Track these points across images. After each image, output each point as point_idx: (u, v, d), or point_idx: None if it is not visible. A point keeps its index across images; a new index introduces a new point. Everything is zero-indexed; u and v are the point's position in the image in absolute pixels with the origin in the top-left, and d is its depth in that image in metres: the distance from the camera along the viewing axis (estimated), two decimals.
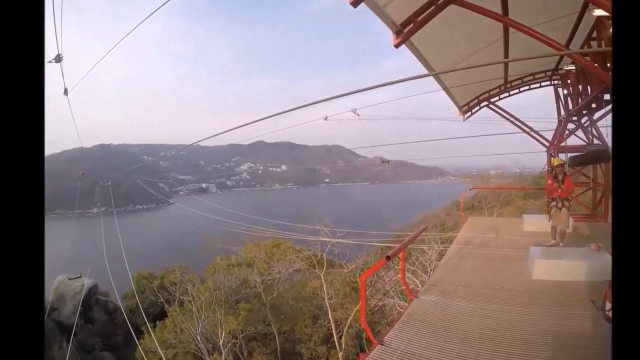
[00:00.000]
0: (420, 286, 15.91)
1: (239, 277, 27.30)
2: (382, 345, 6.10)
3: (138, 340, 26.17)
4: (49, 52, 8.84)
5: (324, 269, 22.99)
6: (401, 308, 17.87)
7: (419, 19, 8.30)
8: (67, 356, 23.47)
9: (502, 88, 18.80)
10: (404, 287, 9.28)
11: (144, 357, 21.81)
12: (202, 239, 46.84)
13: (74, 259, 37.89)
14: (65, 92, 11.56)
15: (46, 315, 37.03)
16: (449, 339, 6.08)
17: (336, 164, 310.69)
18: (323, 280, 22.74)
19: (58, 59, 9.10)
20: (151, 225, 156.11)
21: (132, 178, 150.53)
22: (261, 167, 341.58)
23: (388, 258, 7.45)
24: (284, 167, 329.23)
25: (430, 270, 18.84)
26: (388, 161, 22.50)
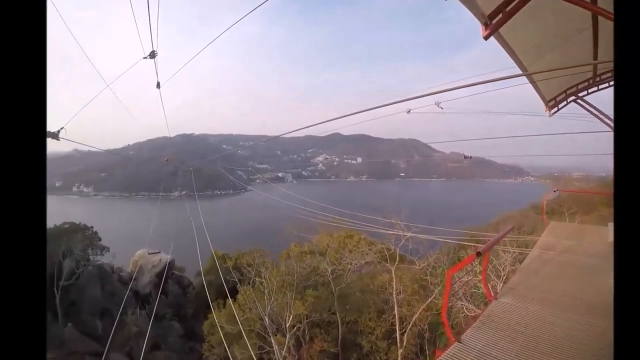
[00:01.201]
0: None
1: (310, 265, 27.71)
2: (460, 343, 6.00)
3: (206, 315, 27.47)
4: (145, 49, 9.34)
5: (396, 263, 22.60)
6: (468, 312, 17.19)
7: (508, 9, 7.79)
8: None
9: (591, 82, 17.28)
10: (484, 288, 8.93)
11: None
12: (278, 225, 47.98)
13: (154, 235, 40.10)
14: (158, 85, 12.01)
15: (124, 285, 39.81)
16: (525, 343, 5.98)
17: (412, 158, 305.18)
18: (394, 275, 22.30)
19: (152, 55, 9.45)
20: (228, 209, 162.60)
21: (212, 165, 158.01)
22: (336, 159, 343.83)
23: (479, 254, 7.22)
24: (359, 160, 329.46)
25: (504, 275, 18.04)
26: (470, 157, 21.52)
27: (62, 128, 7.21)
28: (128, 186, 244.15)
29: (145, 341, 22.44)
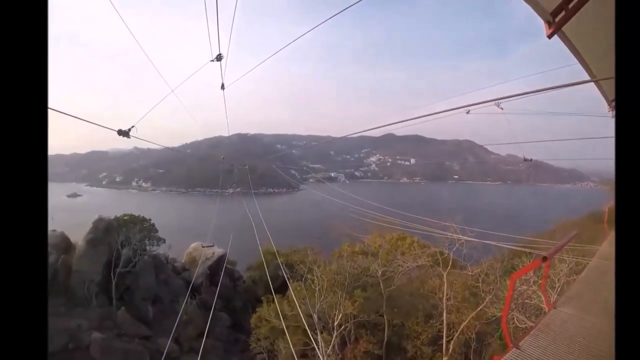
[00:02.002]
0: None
1: (361, 265, 27.54)
2: (518, 349, 5.88)
3: (255, 309, 27.98)
4: (213, 52, 9.61)
5: (448, 268, 22.10)
6: (519, 323, 16.58)
7: (571, 5, 7.43)
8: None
9: None
10: (542, 295, 8.64)
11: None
12: (330, 223, 48.15)
13: (208, 229, 41.27)
14: (222, 87, 12.32)
15: (177, 275, 41.29)
16: (582, 354, 5.82)
17: (466, 160, 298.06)
18: (445, 280, 21.72)
19: (219, 57, 9.73)
20: (281, 207, 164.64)
21: (266, 164, 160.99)
22: (390, 160, 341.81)
23: (545, 259, 6.92)
24: (412, 161, 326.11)
25: (558, 286, 17.22)
26: (530, 160, 20.56)
27: (132, 127, 7.71)
28: (185, 182, 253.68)
29: (208, 331, 22.83)
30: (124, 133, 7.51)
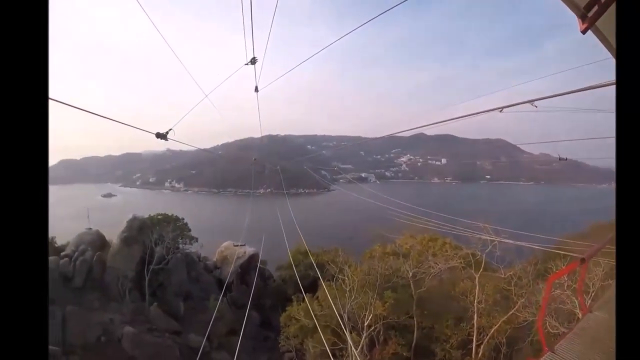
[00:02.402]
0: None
1: (392, 266, 27.27)
2: (553, 353, 5.76)
3: (284, 308, 28.15)
4: (247, 55, 9.77)
5: (480, 270, 21.70)
6: (551, 328, 16.16)
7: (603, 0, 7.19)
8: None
9: None
10: (579, 298, 8.39)
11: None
12: (361, 224, 48.02)
13: (239, 229, 41.76)
14: (256, 89, 12.47)
15: (208, 273, 41.97)
16: None
17: (498, 159, 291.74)
18: (477, 282, 21.46)
19: (253, 61, 9.86)
20: (312, 207, 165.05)
21: (297, 165, 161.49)
22: (420, 160, 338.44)
23: (583, 261, 6.72)
24: (443, 161, 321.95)
25: (592, 291, 16.67)
26: (565, 159, 19.96)
27: (170, 129, 7.92)
28: (216, 183, 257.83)
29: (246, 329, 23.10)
30: (161, 136, 7.70)
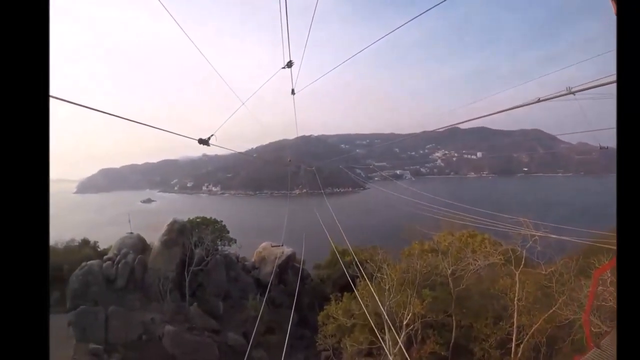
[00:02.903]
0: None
1: (431, 264, 26.87)
2: (599, 349, 5.66)
3: (323, 307, 28.24)
4: (285, 59, 10.10)
5: (520, 267, 21.09)
6: (593, 327, 15.63)
7: None
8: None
9: None
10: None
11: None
12: (398, 221, 47.51)
13: (276, 229, 42.20)
14: (293, 92, 12.69)
15: (247, 273, 42.64)
16: None
17: (535, 151, 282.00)
18: (517, 279, 20.81)
19: (290, 64, 10.19)
20: (347, 206, 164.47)
21: (332, 164, 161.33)
22: (455, 155, 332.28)
23: None
24: (479, 154, 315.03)
25: None
26: (607, 147, 19.14)
27: (212, 135, 8.30)
28: (252, 185, 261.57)
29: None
30: (204, 142, 8.07)
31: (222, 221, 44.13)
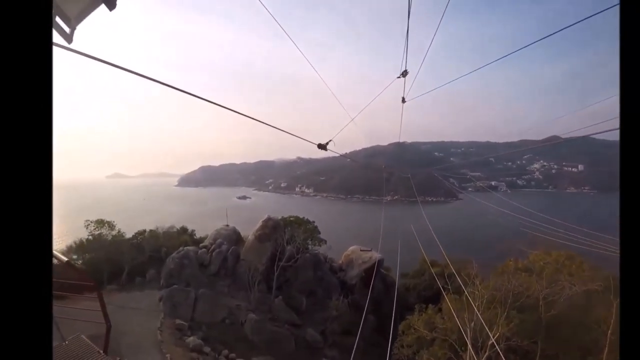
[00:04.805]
0: None
1: (522, 284, 25.03)
2: None
3: (405, 316, 28.14)
4: (401, 68, 10.40)
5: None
6: None
7: None
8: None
9: None
10: None
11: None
12: (492, 235, 45.77)
13: (366, 234, 42.67)
14: (403, 100, 13.22)
15: (333, 274, 43.65)
16: None
17: None
18: (614, 311, 18.86)
19: (404, 73, 10.47)
20: (440, 216, 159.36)
21: (425, 172, 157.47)
22: (555, 166, 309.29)
23: None
24: (580, 167, 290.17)
25: None
26: None
27: (330, 140, 8.88)
28: (344, 189, 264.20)
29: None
30: (322, 146, 8.66)
31: (314, 222, 45.68)
